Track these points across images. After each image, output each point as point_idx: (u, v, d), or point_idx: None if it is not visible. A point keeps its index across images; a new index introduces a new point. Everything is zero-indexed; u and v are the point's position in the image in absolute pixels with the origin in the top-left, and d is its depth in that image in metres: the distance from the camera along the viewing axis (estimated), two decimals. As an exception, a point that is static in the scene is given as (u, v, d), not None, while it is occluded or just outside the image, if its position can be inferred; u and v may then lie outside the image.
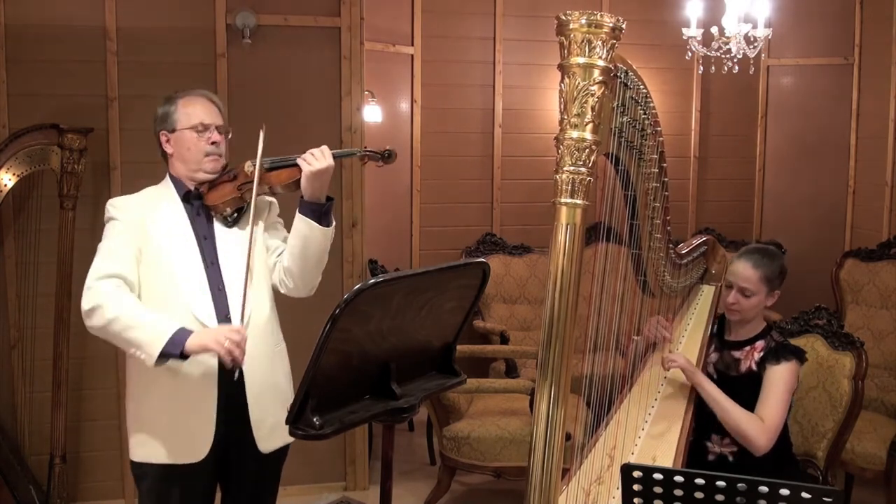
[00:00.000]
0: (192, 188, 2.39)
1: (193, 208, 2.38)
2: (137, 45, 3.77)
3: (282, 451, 2.46)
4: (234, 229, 2.40)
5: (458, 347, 2.10)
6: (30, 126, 3.57)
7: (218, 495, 2.50)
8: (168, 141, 2.39)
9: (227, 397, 2.31)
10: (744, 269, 2.68)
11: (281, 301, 2.51)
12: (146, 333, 2.14)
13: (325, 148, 2.31)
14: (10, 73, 3.66)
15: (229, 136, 2.45)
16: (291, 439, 2.38)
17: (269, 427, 2.36)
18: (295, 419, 1.75)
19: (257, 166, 2.29)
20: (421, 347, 2.00)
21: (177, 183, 2.40)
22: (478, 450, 3.67)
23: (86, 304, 2.19)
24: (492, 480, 3.80)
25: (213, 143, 2.37)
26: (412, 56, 5.12)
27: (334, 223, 2.39)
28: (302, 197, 2.33)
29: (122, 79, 3.77)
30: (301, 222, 2.34)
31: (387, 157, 2.41)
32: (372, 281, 1.73)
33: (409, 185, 5.20)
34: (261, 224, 2.44)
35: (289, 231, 2.42)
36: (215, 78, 3.83)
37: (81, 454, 3.85)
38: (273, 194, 2.44)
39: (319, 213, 2.33)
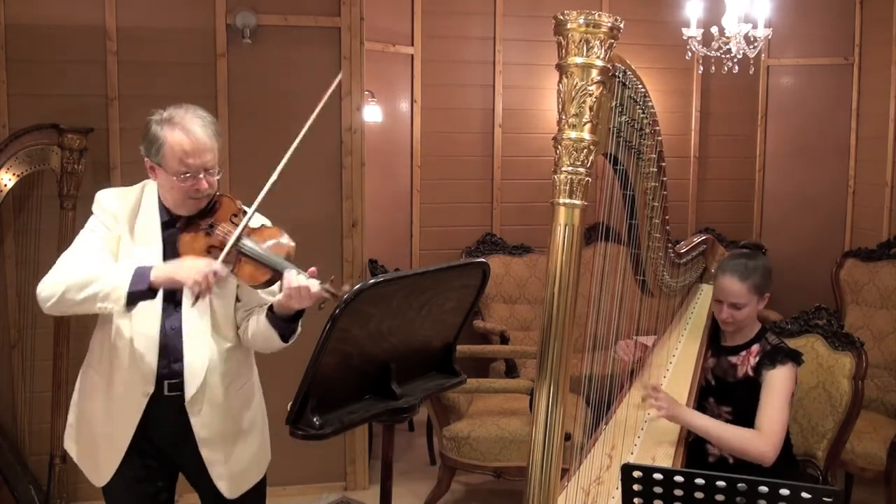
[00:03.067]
0: (172, 216, 2.25)
1: (170, 236, 2.23)
2: (137, 45, 3.77)
3: (255, 490, 2.40)
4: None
5: (458, 347, 2.10)
6: (30, 126, 3.57)
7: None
8: (152, 169, 2.21)
9: (177, 438, 2.25)
10: (731, 285, 2.62)
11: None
12: (105, 284, 2.03)
13: (315, 289, 2.03)
14: (10, 73, 3.66)
15: (219, 176, 2.24)
16: (259, 477, 2.40)
17: (234, 475, 2.32)
18: (295, 419, 1.75)
19: (229, 247, 2.08)
20: (421, 347, 2.00)
21: (161, 205, 2.26)
22: (478, 450, 3.67)
23: (46, 288, 2.08)
24: (492, 480, 3.80)
25: (196, 189, 2.17)
26: (412, 56, 5.12)
27: (298, 332, 2.23)
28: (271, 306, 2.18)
29: (122, 79, 3.77)
30: (265, 324, 2.19)
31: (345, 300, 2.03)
32: (372, 281, 1.73)
33: (409, 185, 5.19)
34: (229, 284, 2.25)
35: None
36: (215, 78, 3.84)
37: (81, 454, 3.84)
38: (236, 279, 2.20)
39: (284, 329, 2.19)
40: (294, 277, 2.05)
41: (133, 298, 2.04)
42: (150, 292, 2.05)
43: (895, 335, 4.36)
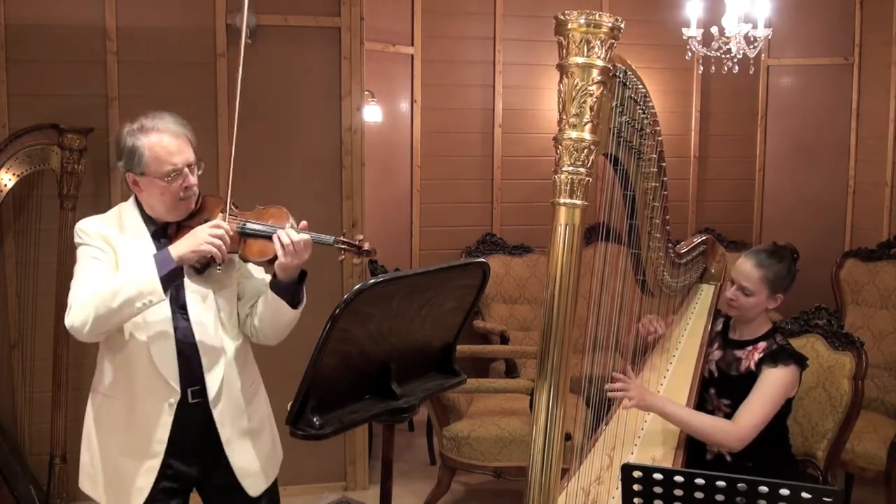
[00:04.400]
0: (161, 226, 2.23)
1: (162, 246, 2.19)
2: (137, 45, 3.77)
3: (272, 487, 2.41)
4: (201, 278, 2.23)
5: (458, 347, 2.10)
6: (30, 126, 3.57)
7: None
8: (136, 183, 2.17)
9: (203, 444, 2.24)
10: (746, 267, 2.65)
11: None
12: (134, 281, 2.03)
13: (306, 239, 2.12)
14: (10, 73, 3.66)
15: (201, 171, 2.24)
16: (276, 474, 2.40)
17: (256, 472, 2.32)
18: (295, 419, 1.75)
19: (227, 221, 2.13)
20: (421, 347, 2.00)
21: (144, 215, 2.23)
22: (478, 450, 3.67)
23: (74, 322, 2.10)
24: (492, 480, 3.80)
25: (186, 187, 2.17)
26: (412, 56, 5.12)
27: (304, 300, 2.26)
28: (274, 274, 2.20)
29: (122, 79, 3.76)
30: (272, 297, 2.21)
31: (365, 254, 2.18)
32: (372, 281, 1.73)
33: (409, 185, 5.19)
34: (233, 273, 2.30)
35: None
36: (215, 78, 3.84)
37: (81, 454, 3.84)
38: (244, 262, 2.25)
39: (291, 294, 2.21)
40: (286, 232, 2.10)
41: (167, 282, 2.05)
42: (179, 270, 2.07)
43: (895, 335, 4.36)
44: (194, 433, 2.23)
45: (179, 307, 2.21)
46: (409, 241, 5.23)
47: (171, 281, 2.07)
